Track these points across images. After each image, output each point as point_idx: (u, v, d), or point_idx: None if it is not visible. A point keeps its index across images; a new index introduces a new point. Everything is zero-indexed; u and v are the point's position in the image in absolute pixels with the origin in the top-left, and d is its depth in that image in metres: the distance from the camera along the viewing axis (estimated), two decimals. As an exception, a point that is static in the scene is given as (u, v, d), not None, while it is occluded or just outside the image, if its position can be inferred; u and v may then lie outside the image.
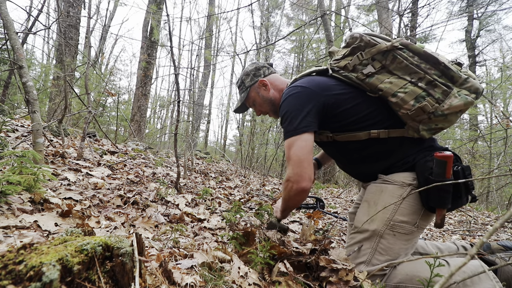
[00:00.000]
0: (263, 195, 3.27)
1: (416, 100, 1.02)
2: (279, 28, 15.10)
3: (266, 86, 1.36)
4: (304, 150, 1.08)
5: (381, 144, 1.12)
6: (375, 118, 1.12)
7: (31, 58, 8.96)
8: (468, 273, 0.97)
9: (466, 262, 0.39)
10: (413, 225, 1.04)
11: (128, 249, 0.57)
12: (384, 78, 1.08)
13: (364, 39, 1.10)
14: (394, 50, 1.06)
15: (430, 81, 1.02)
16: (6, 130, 2.57)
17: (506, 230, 3.29)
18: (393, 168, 1.12)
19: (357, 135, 1.13)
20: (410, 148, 1.11)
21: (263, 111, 1.43)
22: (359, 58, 1.12)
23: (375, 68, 1.09)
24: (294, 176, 1.10)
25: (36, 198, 1.22)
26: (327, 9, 3.63)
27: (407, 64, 1.04)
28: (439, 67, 1.02)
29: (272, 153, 7.93)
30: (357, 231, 1.13)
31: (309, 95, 1.12)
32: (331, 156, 1.40)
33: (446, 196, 0.96)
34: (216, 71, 15.82)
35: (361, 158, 1.19)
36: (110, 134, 6.40)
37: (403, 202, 1.04)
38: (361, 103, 1.13)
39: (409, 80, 1.04)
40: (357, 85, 1.15)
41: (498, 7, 7.13)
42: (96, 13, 12.46)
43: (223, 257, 0.94)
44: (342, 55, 1.19)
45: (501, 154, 3.81)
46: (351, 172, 1.32)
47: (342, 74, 1.17)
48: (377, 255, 1.05)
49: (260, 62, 1.43)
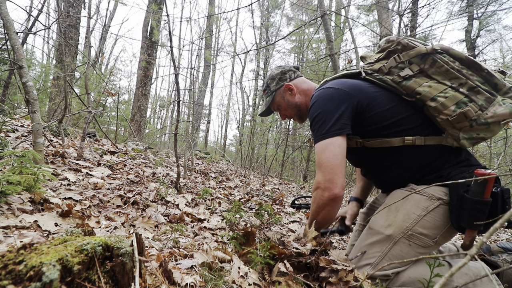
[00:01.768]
0: (263, 195, 3.27)
1: (457, 105, 0.97)
2: (279, 28, 15.12)
3: (292, 90, 1.32)
4: (338, 157, 1.03)
5: (416, 152, 1.05)
6: (411, 123, 1.05)
7: (31, 58, 8.96)
8: (471, 275, 0.95)
9: (466, 262, 0.39)
10: (432, 239, 1.00)
11: (128, 249, 0.57)
12: (422, 81, 1.03)
13: (401, 42, 1.06)
14: (434, 54, 1.01)
15: (472, 87, 0.97)
16: (6, 130, 2.57)
17: (506, 230, 3.29)
18: (424, 180, 1.06)
19: (390, 141, 1.06)
20: (447, 160, 1.04)
21: (288, 115, 1.39)
22: (396, 61, 1.07)
23: (413, 71, 1.04)
24: (326, 183, 1.03)
25: (36, 198, 1.22)
26: (327, 9, 3.63)
27: (447, 69, 0.99)
28: (481, 73, 0.98)
29: (272, 153, 7.93)
30: (370, 232, 1.10)
31: (342, 96, 1.07)
32: (356, 165, 1.33)
33: (480, 217, 0.88)
34: (216, 71, 15.84)
35: (392, 167, 1.12)
36: (110, 134, 6.40)
37: (427, 214, 0.99)
38: (397, 106, 1.07)
39: (449, 85, 0.99)
40: (392, 88, 1.09)
41: (498, 7, 7.13)
42: (96, 13, 12.46)
43: (223, 257, 0.94)
44: (377, 59, 1.15)
45: (501, 154, 3.81)
46: (379, 181, 1.26)
47: (376, 77, 1.13)
48: (386, 261, 1.02)
49: (287, 66, 1.39)
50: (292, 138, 9.41)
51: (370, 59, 1.19)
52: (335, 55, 2.72)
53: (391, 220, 1.04)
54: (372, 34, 10.89)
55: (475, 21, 9.02)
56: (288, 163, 9.48)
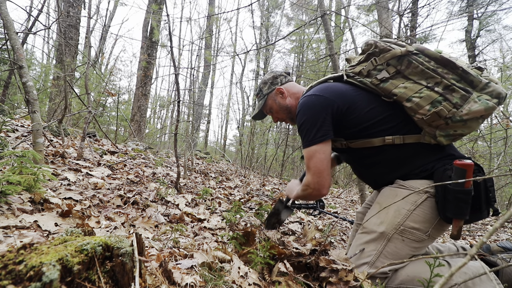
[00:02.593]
0: (263, 195, 3.27)
1: (432, 105, 1.00)
2: (279, 28, 15.11)
3: (283, 94, 1.39)
4: (324, 162, 1.12)
5: (397, 150, 1.10)
6: (390, 123, 1.11)
7: (31, 58, 8.96)
8: (470, 274, 0.96)
9: (466, 262, 0.39)
10: (425, 233, 1.02)
11: (128, 249, 0.57)
12: (398, 83, 1.07)
13: (378, 45, 1.11)
14: (409, 55, 1.05)
15: (447, 86, 1.00)
16: (6, 130, 2.57)
17: (506, 230, 3.29)
18: (411, 175, 1.10)
19: (371, 141, 1.12)
20: (429, 156, 1.08)
21: (279, 118, 1.46)
22: (373, 64, 1.12)
23: (390, 73, 1.09)
24: (315, 185, 1.15)
25: (36, 198, 1.22)
26: (327, 9, 3.62)
27: (423, 69, 1.03)
28: (457, 71, 1.00)
29: (272, 153, 7.93)
30: (364, 231, 1.12)
31: (323, 103, 1.13)
32: (347, 162, 1.41)
33: (464, 206, 0.92)
34: (216, 71, 15.83)
35: (376, 165, 1.18)
36: (110, 134, 6.40)
37: (417, 208, 1.02)
38: (376, 108, 1.12)
39: (425, 85, 1.03)
40: (372, 90, 1.15)
41: (498, 7, 7.13)
42: (96, 13, 12.45)
43: (223, 257, 0.94)
44: (358, 61, 1.20)
45: (501, 154, 3.81)
46: (367, 180, 1.31)
47: (357, 79, 1.18)
48: (382, 258, 1.04)
49: (278, 71, 1.46)
50: (292, 138, 9.41)
51: (353, 62, 1.24)
52: (335, 55, 2.72)
53: (382, 217, 1.07)
54: (372, 34, 10.89)
55: (475, 21, 9.02)
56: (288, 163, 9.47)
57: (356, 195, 6.34)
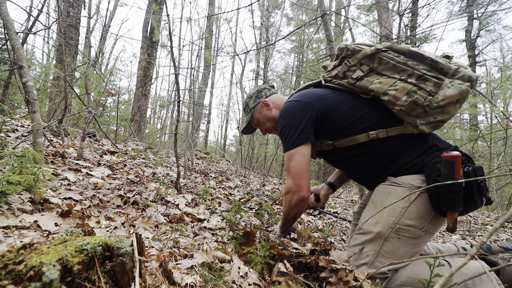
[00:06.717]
0: (263, 195, 3.27)
1: (408, 95, 1.04)
2: (279, 28, 15.11)
3: (268, 106, 1.44)
4: (302, 164, 1.15)
5: (382, 145, 1.12)
6: (372, 119, 1.14)
7: (31, 58, 8.96)
8: (470, 274, 0.96)
9: (466, 262, 0.39)
10: (421, 229, 1.02)
11: (128, 249, 0.57)
12: (373, 79, 1.12)
13: (349, 48, 1.17)
14: (379, 53, 1.11)
15: (419, 76, 1.04)
16: (6, 130, 2.57)
17: (506, 230, 3.30)
18: (402, 171, 1.11)
19: (356, 138, 1.15)
20: (415, 148, 1.10)
21: (267, 129, 1.50)
22: (347, 65, 1.18)
23: (364, 72, 1.14)
24: (294, 187, 1.17)
25: (36, 198, 1.22)
26: (327, 9, 3.62)
27: (394, 64, 1.08)
28: (426, 61, 1.05)
29: (272, 153, 7.93)
30: (361, 232, 1.12)
31: (303, 107, 1.18)
32: (336, 166, 1.41)
33: (456, 198, 0.93)
34: (216, 71, 15.81)
35: (365, 163, 1.19)
36: (110, 134, 6.40)
37: (411, 205, 1.03)
38: (355, 106, 1.17)
39: (398, 78, 1.07)
40: (350, 90, 1.19)
41: (498, 7, 7.13)
42: (96, 13, 12.45)
43: (223, 257, 0.94)
44: (333, 66, 1.27)
45: (501, 154, 3.81)
46: (361, 180, 1.32)
47: (335, 82, 1.24)
48: (380, 258, 1.04)
49: (262, 85, 1.53)
50: (292, 138, 9.38)
51: (329, 67, 1.31)
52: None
53: (378, 217, 1.07)
54: (372, 34, 10.89)
55: (475, 21, 9.02)
56: (288, 163, 9.46)
57: (356, 195, 6.34)
